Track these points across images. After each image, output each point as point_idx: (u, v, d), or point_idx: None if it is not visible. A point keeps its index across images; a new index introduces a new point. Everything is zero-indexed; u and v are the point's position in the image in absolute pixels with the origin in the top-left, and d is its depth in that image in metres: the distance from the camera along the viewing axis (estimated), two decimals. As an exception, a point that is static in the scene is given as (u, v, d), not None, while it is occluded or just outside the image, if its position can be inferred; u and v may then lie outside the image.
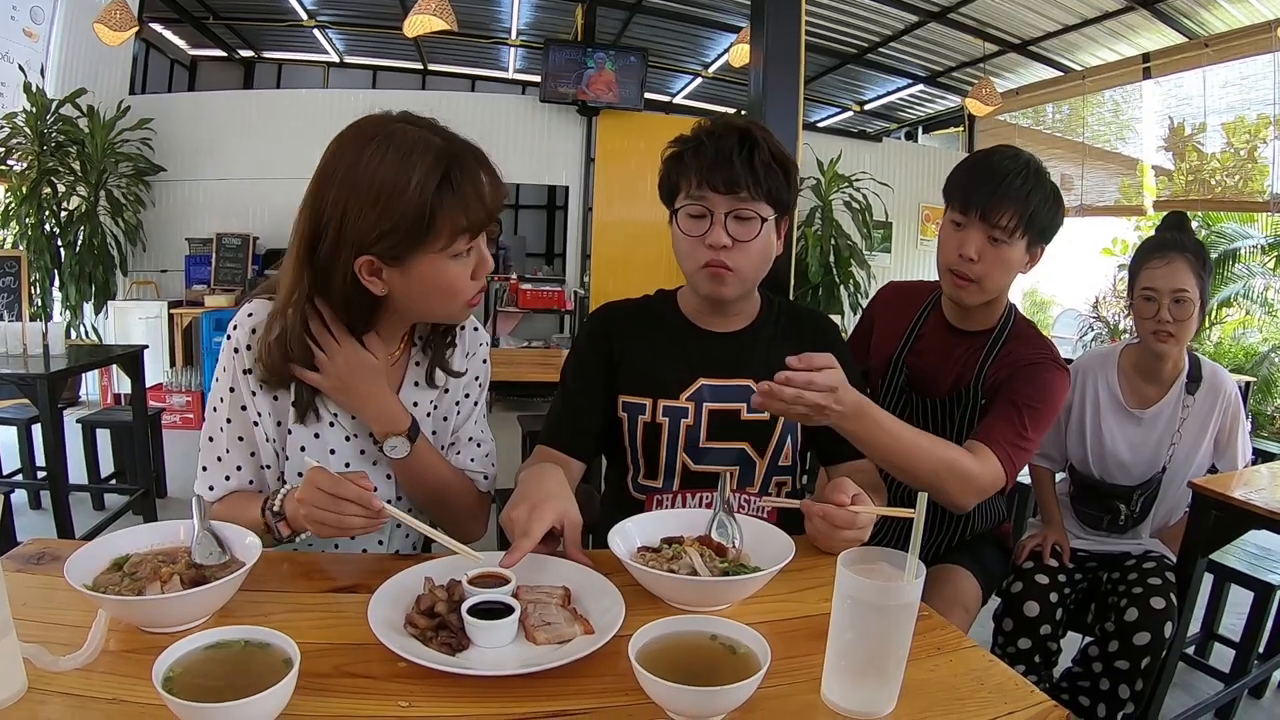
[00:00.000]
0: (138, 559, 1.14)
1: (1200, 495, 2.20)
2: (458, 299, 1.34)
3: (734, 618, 1.05)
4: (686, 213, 1.59)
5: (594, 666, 0.98)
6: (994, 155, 1.88)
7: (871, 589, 0.92)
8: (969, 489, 1.63)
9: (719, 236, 1.54)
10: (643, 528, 1.34)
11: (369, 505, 1.19)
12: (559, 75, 7.97)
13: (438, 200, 1.22)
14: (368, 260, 1.26)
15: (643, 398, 1.68)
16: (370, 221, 1.23)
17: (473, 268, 1.33)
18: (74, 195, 6.72)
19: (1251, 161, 7.43)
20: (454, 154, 1.25)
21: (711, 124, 1.61)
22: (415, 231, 1.23)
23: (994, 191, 1.78)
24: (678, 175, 1.60)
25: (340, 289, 1.30)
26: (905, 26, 8.43)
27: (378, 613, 1.04)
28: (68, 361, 3.81)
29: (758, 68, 3.80)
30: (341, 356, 1.35)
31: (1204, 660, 3.04)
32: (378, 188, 1.22)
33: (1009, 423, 1.74)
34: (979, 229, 1.81)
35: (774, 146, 1.56)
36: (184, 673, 0.87)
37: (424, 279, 1.29)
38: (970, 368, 1.94)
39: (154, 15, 9.09)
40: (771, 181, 1.54)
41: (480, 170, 1.28)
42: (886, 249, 9.28)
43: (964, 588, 1.95)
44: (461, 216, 1.24)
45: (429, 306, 1.36)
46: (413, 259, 1.26)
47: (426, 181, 1.21)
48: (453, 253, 1.27)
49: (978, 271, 1.83)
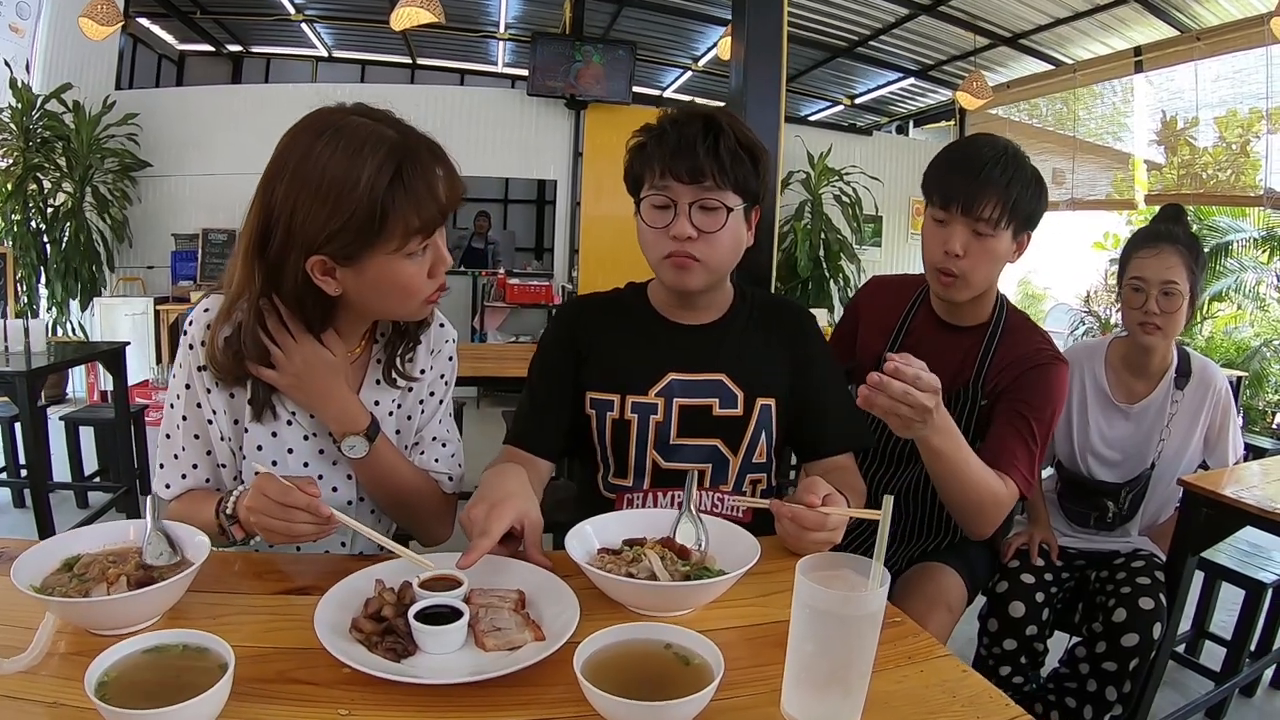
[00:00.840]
0: (88, 559, 1.12)
1: (1190, 492, 2.17)
2: (414, 298, 1.30)
3: (698, 623, 1.02)
4: (650, 203, 1.54)
5: (544, 675, 0.94)
6: (969, 145, 1.84)
7: (832, 598, 0.87)
8: (998, 519, 1.68)
9: (683, 227, 1.49)
10: (605, 529, 1.30)
11: (317, 513, 1.16)
12: (547, 69, 7.92)
13: (389, 198, 1.17)
14: (319, 260, 1.22)
15: (610, 394, 1.63)
16: (320, 220, 1.17)
17: (429, 265, 1.28)
18: (60, 191, 6.68)
19: (1244, 155, 7.42)
20: (407, 148, 1.20)
21: (676, 112, 1.56)
22: (367, 231, 1.18)
23: (973, 183, 1.75)
24: (641, 165, 1.56)
25: (292, 289, 1.26)
26: (896, 19, 8.38)
27: (325, 616, 1.01)
28: (49, 359, 3.79)
29: (739, 60, 3.75)
30: (299, 354, 1.31)
31: (1195, 659, 3.02)
32: (327, 184, 1.16)
33: (1022, 442, 1.74)
34: (962, 224, 1.78)
35: (741, 134, 1.52)
36: (119, 677, 0.85)
37: (379, 278, 1.24)
38: (969, 366, 1.90)
39: (141, 10, 9.03)
40: (738, 170, 1.49)
41: (435, 165, 1.23)
42: (877, 243, 9.25)
43: (948, 587, 1.91)
44: (414, 215, 1.19)
45: (386, 306, 1.32)
46: (366, 258, 1.22)
47: (378, 178, 1.16)
48: (407, 252, 1.22)
49: (964, 267, 1.80)
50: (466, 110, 8.03)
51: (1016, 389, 1.80)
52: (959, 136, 10.13)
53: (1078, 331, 8.74)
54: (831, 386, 1.71)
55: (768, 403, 1.63)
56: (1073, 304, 9.69)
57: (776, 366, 1.66)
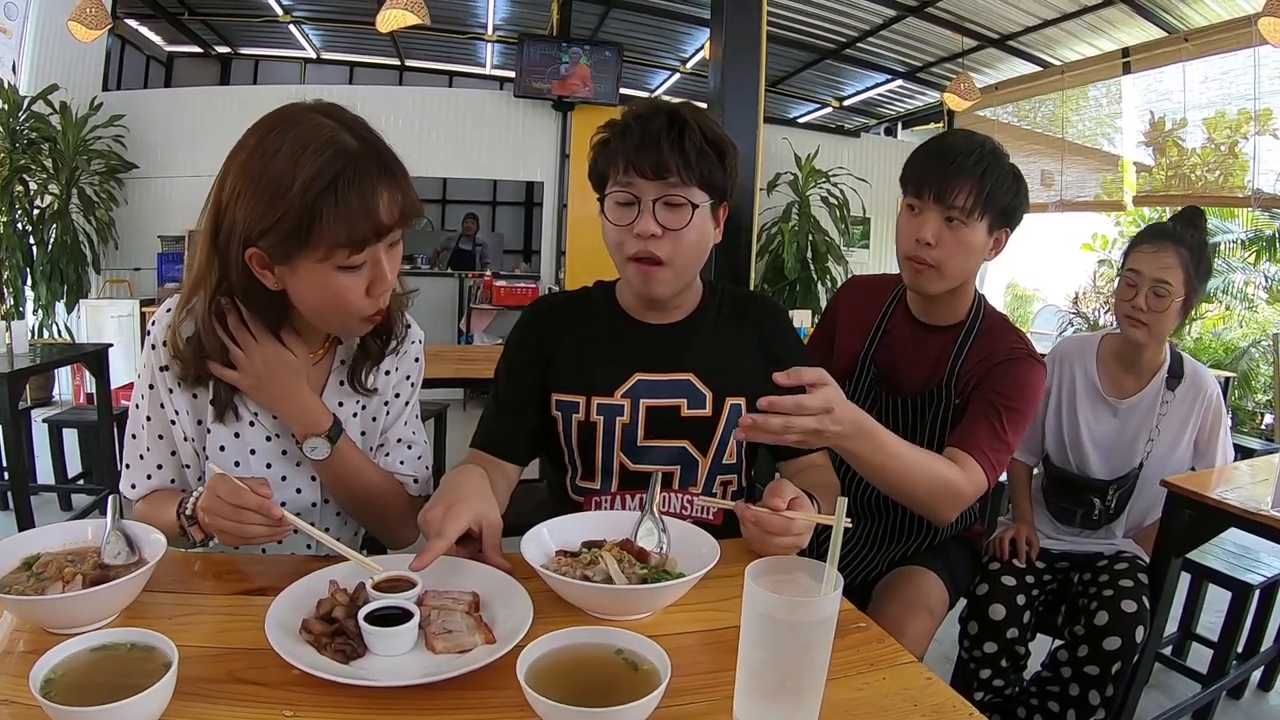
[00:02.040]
0: (47, 558, 1.12)
1: (1174, 494, 2.16)
2: (348, 313, 1.26)
3: (655, 627, 1.00)
4: (614, 200, 1.50)
5: (493, 678, 0.93)
6: (946, 137, 1.83)
7: (780, 604, 0.84)
8: (957, 504, 1.61)
9: (647, 225, 1.45)
10: (563, 531, 1.28)
11: (268, 514, 1.15)
12: (534, 70, 7.91)
13: (320, 206, 1.13)
14: (256, 253, 1.20)
15: (576, 395, 1.59)
16: (257, 214, 1.16)
17: (367, 283, 1.23)
18: (46, 193, 6.64)
19: (1232, 156, 7.44)
20: (352, 159, 1.16)
21: (640, 106, 1.52)
22: (295, 234, 1.15)
23: (945, 170, 1.73)
24: (605, 161, 1.52)
25: (239, 281, 1.24)
26: (883, 21, 8.39)
27: (277, 617, 1.00)
28: (31, 360, 3.77)
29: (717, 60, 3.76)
30: (259, 354, 1.31)
31: (1181, 661, 3.01)
32: (266, 180, 1.15)
33: (988, 427, 1.69)
34: (934, 211, 1.75)
35: (707, 128, 1.48)
36: (65, 675, 0.85)
37: (311, 285, 1.22)
38: (942, 365, 1.88)
39: (129, 11, 9.02)
40: (704, 165, 1.46)
41: (381, 182, 1.18)
42: (865, 245, 9.26)
43: (929, 590, 1.89)
44: (341, 230, 1.15)
45: (321, 315, 1.28)
46: (297, 262, 1.19)
47: (312, 184, 1.13)
48: (336, 264, 1.18)
49: (936, 256, 1.77)
50: (454, 112, 8.00)
51: (987, 380, 1.78)
52: (946, 138, 10.14)
53: (1066, 332, 8.75)
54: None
55: (737, 402, 1.59)
56: (1061, 305, 9.71)
57: (748, 364, 1.62)
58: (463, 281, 8.47)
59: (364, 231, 1.16)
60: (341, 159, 1.15)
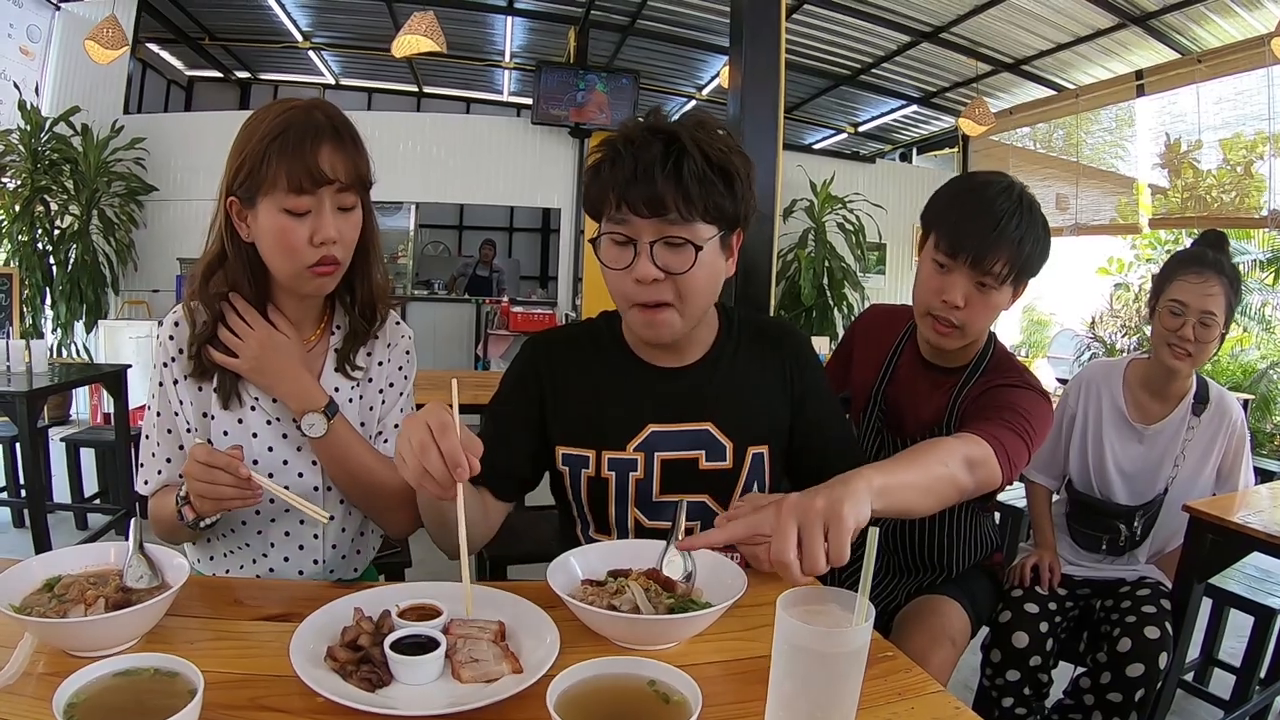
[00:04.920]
0: (69, 580, 1.12)
1: (1196, 519, 2.13)
2: (295, 257, 1.34)
3: (682, 657, 0.99)
4: (609, 240, 1.34)
5: (520, 708, 0.92)
6: (986, 190, 1.68)
7: (811, 634, 0.83)
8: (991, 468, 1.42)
9: (646, 270, 1.29)
10: (589, 560, 1.27)
11: (236, 472, 1.23)
12: (551, 97, 7.99)
13: (271, 150, 1.29)
14: (234, 200, 1.36)
15: (584, 449, 1.46)
16: (233, 166, 1.34)
17: (311, 231, 1.33)
18: (66, 214, 6.73)
19: (1248, 177, 7.39)
20: (305, 117, 1.32)
21: (634, 128, 1.34)
22: (251, 176, 1.31)
23: (988, 238, 1.61)
24: (598, 192, 1.34)
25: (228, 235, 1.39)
26: (898, 47, 8.43)
27: (301, 644, 1.00)
28: (50, 380, 3.79)
29: (736, 88, 3.77)
30: (254, 337, 1.40)
31: (1204, 687, 2.97)
32: (241, 140, 1.34)
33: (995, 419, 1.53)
34: (966, 275, 1.66)
35: (710, 151, 1.29)
36: (89, 699, 0.85)
37: (266, 229, 1.34)
38: (945, 406, 1.82)
39: (151, 36, 9.14)
40: (708, 197, 1.28)
41: (325, 138, 1.32)
42: (880, 270, 9.28)
43: (951, 619, 1.84)
44: (282, 172, 1.29)
45: (274, 261, 1.38)
46: (257, 205, 1.33)
47: (267, 135, 1.30)
48: (282, 205, 1.31)
49: (962, 318, 1.69)
50: (471, 138, 8.10)
51: (983, 398, 1.68)
52: (962, 163, 10.16)
53: (1084, 357, 8.71)
54: (829, 420, 1.59)
55: (760, 451, 1.48)
56: (1078, 329, 9.66)
57: (770, 405, 1.52)
58: (480, 307, 8.51)
59: (299, 176, 1.30)
60: (294, 116, 1.32)
